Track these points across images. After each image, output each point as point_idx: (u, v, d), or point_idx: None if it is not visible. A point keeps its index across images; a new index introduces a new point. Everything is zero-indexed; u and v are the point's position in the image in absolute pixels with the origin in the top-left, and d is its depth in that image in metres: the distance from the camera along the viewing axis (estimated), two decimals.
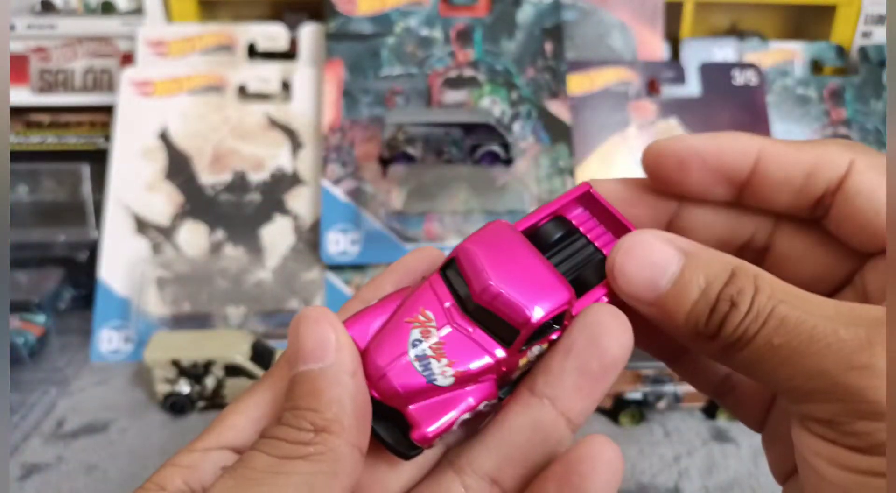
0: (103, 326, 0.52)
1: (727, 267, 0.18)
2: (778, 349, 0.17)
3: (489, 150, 0.53)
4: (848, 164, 0.19)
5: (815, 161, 0.20)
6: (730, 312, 0.17)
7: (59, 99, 0.63)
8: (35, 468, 0.40)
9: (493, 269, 0.18)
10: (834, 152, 0.20)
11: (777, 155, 0.20)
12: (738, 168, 0.20)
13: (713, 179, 0.21)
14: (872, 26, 0.65)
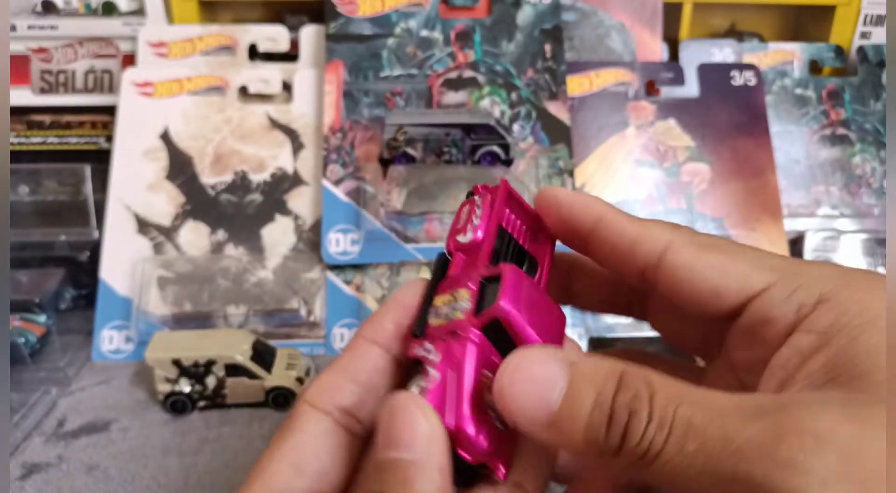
0: (104, 326, 0.52)
1: (615, 372, 0.17)
2: (693, 457, 0.16)
3: (489, 150, 0.53)
4: (666, 242, 0.21)
5: (638, 236, 0.22)
6: (630, 421, 0.16)
7: (60, 100, 0.63)
8: (35, 468, 0.40)
9: (539, 333, 0.20)
10: (655, 231, 0.22)
11: (610, 223, 0.22)
12: (581, 228, 0.23)
13: (565, 230, 0.23)
14: (871, 27, 0.66)
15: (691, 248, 0.21)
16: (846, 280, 0.20)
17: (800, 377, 0.18)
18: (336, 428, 0.21)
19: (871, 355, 0.17)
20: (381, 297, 0.52)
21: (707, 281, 0.20)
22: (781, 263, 0.21)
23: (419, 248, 0.52)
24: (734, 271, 0.20)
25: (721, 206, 0.56)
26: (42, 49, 0.62)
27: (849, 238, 0.57)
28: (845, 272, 0.20)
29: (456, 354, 0.19)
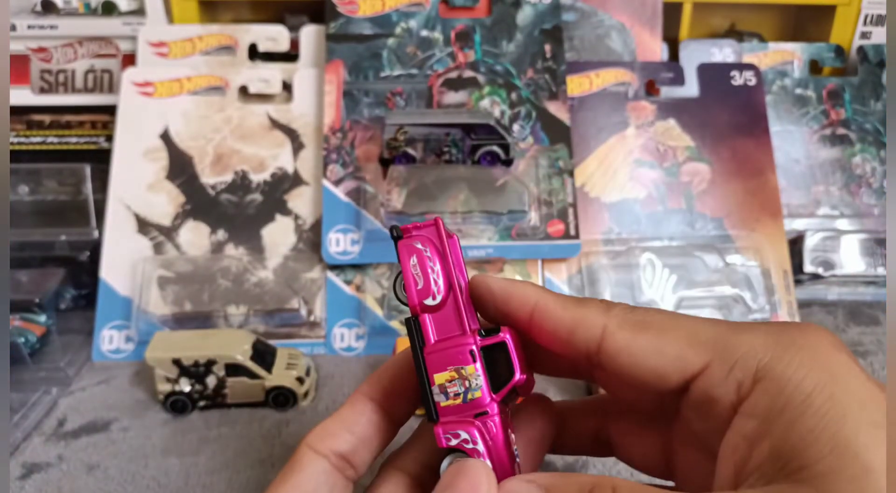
0: (105, 325, 0.52)
1: (584, 487, 0.20)
2: None
3: (489, 150, 0.53)
4: (601, 327, 0.22)
5: (574, 324, 0.23)
6: None
7: (59, 99, 0.63)
8: (36, 468, 0.40)
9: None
10: (590, 316, 0.23)
11: (544, 313, 0.23)
12: (519, 319, 0.24)
13: (503, 320, 0.24)
14: (872, 27, 0.66)
15: (626, 331, 0.22)
16: (780, 348, 0.20)
17: (751, 468, 0.19)
18: (332, 470, 0.24)
19: (810, 442, 0.18)
20: (380, 297, 0.52)
21: (646, 364, 0.22)
22: (715, 335, 0.21)
23: None
24: (670, 352, 0.21)
25: (721, 206, 0.56)
26: (42, 49, 0.62)
27: (848, 238, 0.57)
28: (779, 338, 0.21)
29: (492, 433, 0.23)
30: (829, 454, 0.18)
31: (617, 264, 0.54)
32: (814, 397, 0.19)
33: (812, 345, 0.20)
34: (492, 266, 0.53)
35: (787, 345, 0.21)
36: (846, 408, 0.19)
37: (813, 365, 0.20)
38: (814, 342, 0.21)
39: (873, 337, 0.54)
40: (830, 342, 0.21)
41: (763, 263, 0.55)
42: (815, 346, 0.20)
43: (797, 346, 0.20)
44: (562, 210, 0.54)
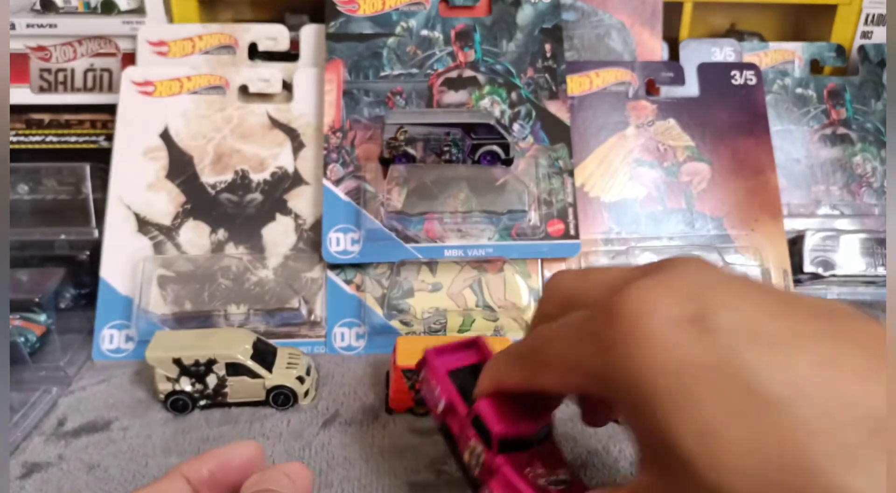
0: (105, 325, 0.52)
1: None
2: None
3: (489, 150, 0.53)
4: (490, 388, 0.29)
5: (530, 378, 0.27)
6: None
7: (59, 98, 0.63)
8: (36, 467, 0.40)
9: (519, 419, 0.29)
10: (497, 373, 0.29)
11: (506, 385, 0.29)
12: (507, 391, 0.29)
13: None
14: (873, 26, 0.66)
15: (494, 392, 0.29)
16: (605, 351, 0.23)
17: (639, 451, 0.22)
18: None
19: (647, 435, 0.21)
20: (381, 296, 0.52)
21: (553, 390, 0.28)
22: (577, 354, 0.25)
23: (419, 247, 0.52)
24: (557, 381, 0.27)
25: (720, 205, 0.56)
26: (41, 47, 0.62)
27: (848, 238, 0.57)
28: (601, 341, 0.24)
29: (508, 481, 0.27)
30: (660, 449, 0.21)
31: (616, 264, 0.54)
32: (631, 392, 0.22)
33: (621, 339, 0.23)
34: (492, 266, 0.54)
35: (605, 350, 0.23)
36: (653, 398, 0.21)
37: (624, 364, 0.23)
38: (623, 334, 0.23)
39: None
40: (638, 315, 0.23)
41: (763, 262, 0.55)
42: (623, 338, 0.23)
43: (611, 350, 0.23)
44: (562, 210, 0.54)
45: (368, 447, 0.42)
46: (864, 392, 0.17)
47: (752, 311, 0.20)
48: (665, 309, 0.20)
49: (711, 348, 0.19)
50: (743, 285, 0.22)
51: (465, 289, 0.53)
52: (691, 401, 0.19)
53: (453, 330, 0.52)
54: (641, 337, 0.20)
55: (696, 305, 0.20)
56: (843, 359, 0.18)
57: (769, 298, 0.21)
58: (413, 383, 0.43)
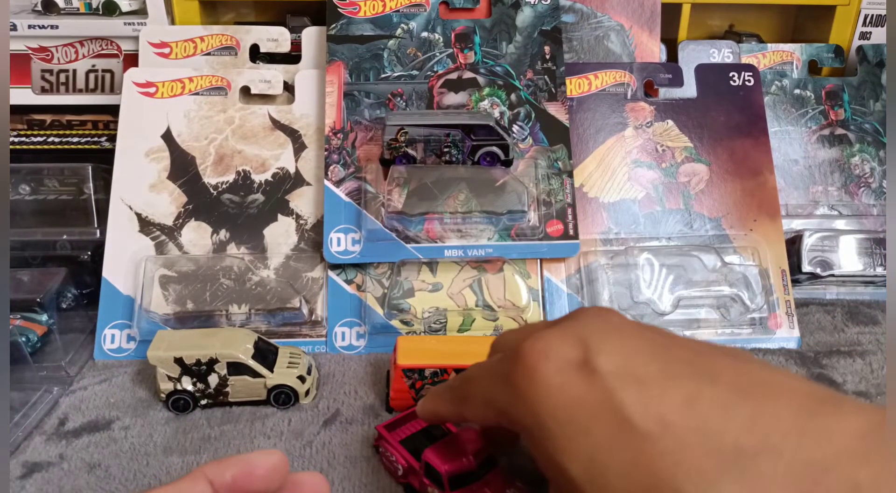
0: (107, 325, 0.52)
1: None
2: None
3: (489, 151, 0.53)
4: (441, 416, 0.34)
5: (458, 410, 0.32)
6: None
7: (61, 99, 0.63)
8: (37, 467, 0.41)
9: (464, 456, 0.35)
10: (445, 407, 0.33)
11: (444, 416, 0.33)
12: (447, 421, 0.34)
13: None
14: (871, 27, 0.66)
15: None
16: (513, 392, 0.26)
17: None
18: None
19: (546, 467, 0.24)
20: (381, 296, 0.53)
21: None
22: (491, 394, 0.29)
23: (419, 247, 0.52)
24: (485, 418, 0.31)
25: (719, 206, 0.57)
26: (42, 48, 0.62)
27: (847, 238, 0.58)
28: (509, 381, 0.27)
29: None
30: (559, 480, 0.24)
31: (615, 264, 0.54)
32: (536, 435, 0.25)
33: (525, 383, 0.26)
34: (491, 266, 0.54)
35: (513, 390, 0.27)
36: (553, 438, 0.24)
37: (525, 407, 0.26)
38: (527, 379, 0.26)
39: (872, 337, 0.54)
40: (534, 364, 0.26)
41: (761, 262, 0.55)
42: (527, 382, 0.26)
43: (517, 390, 0.26)
44: (561, 210, 0.54)
45: (369, 446, 0.42)
46: (727, 422, 0.21)
47: (632, 355, 0.24)
48: (558, 355, 0.24)
49: (595, 388, 0.23)
50: (631, 332, 0.26)
51: (465, 289, 0.53)
52: (579, 434, 0.23)
53: (453, 330, 0.52)
54: (538, 379, 0.24)
55: (583, 351, 0.24)
56: (707, 395, 0.22)
57: (652, 344, 0.25)
58: (413, 383, 0.43)
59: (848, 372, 0.49)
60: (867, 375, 0.49)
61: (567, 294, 0.54)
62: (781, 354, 0.52)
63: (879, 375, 0.49)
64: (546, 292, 0.54)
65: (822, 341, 0.54)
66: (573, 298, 0.54)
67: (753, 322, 0.53)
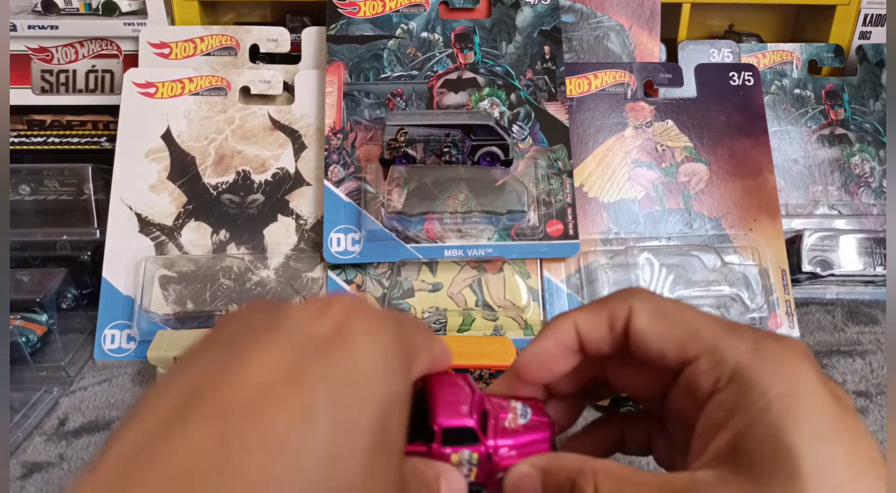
0: (107, 325, 0.52)
1: (573, 472, 0.25)
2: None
3: (489, 151, 0.53)
4: (627, 310, 0.27)
5: (608, 317, 0.28)
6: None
7: (61, 100, 0.63)
8: (36, 467, 0.41)
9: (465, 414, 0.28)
10: (617, 304, 0.28)
11: (585, 324, 0.28)
12: (572, 348, 0.29)
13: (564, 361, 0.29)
14: (871, 26, 0.66)
15: (645, 316, 0.27)
16: (758, 356, 0.25)
17: (712, 449, 0.24)
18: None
19: (760, 443, 0.23)
20: (381, 296, 0.53)
21: (656, 347, 0.27)
22: (712, 333, 0.26)
23: (419, 247, 0.52)
24: (674, 339, 0.26)
25: (719, 206, 0.57)
26: (42, 49, 0.62)
27: (847, 238, 0.58)
28: (758, 346, 0.25)
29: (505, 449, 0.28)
30: (772, 457, 0.22)
31: (615, 264, 0.54)
32: (772, 406, 0.23)
33: (785, 358, 0.24)
34: (491, 266, 0.54)
35: (763, 355, 0.24)
36: (796, 420, 0.23)
37: (778, 377, 0.24)
38: (787, 356, 0.24)
39: (872, 336, 0.54)
40: (801, 358, 0.25)
41: (761, 262, 0.55)
42: (786, 359, 0.24)
43: (771, 358, 0.24)
44: (561, 210, 0.54)
45: None
46: None
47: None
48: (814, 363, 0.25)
49: (848, 413, 0.24)
50: None
51: (465, 289, 0.53)
52: (822, 438, 0.23)
53: (453, 330, 0.52)
54: (805, 370, 0.25)
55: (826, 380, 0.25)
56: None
57: None
58: None
59: (848, 372, 0.49)
60: (867, 374, 0.49)
61: (567, 294, 0.54)
62: None
63: (879, 374, 0.49)
64: (546, 291, 0.54)
65: (822, 340, 0.54)
66: (573, 298, 0.54)
67: (753, 322, 0.53)
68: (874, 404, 0.46)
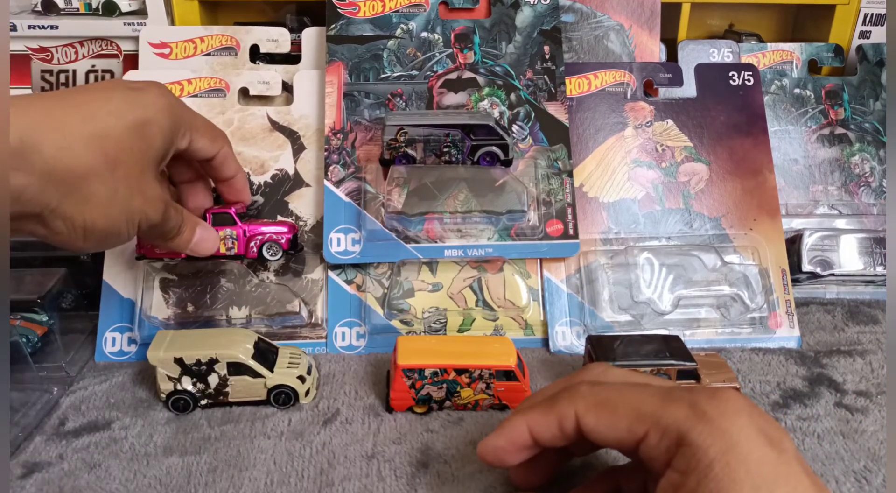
0: (108, 328, 0.52)
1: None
2: None
3: (489, 151, 0.53)
4: (573, 413, 0.31)
5: (557, 420, 0.32)
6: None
7: None
8: (37, 467, 0.41)
9: None
10: (563, 407, 0.31)
11: (537, 425, 0.32)
12: (524, 445, 0.33)
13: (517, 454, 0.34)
14: (871, 26, 0.66)
15: (591, 414, 0.31)
16: (695, 418, 0.28)
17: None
18: None
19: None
20: (381, 296, 0.53)
21: (609, 436, 0.30)
22: (652, 408, 0.29)
23: (419, 247, 0.52)
24: (622, 426, 0.30)
25: (718, 205, 0.57)
26: (42, 49, 0.62)
27: (847, 237, 0.58)
28: (695, 409, 0.28)
29: None
30: (888, 364, 0.26)
31: (615, 264, 0.54)
32: (715, 464, 0.27)
33: (720, 414, 0.28)
34: (491, 265, 0.54)
35: (700, 416, 0.28)
36: (736, 475, 0.26)
37: (717, 436, 0.27)
38: (721, 411, 0.28)
39: (872, 336, 0.54)
40: (735, 410, 0.28)
41: (761, 262, 0.55)
42: (722, 415, 0.28)
43: (708, 417, 0.28)
44: (561, 210, 0.54)
45: (369, 445, 0.42)
46: None
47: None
48: (756, 412, 0.29)
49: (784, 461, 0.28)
50: None
51: (465, 289, 0.53)
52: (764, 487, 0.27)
53: (453, 330, 0.52)
54: (740, 423, 0.28)
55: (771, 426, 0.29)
56: None
57: None
58: (413, 383, 0.43)
59: (848, 372, 0.49)
60: (867, 374, 0.49)
61: (567, 294, 0.54)
62: (781, 353, 0.52)
63: (879, 374, 0.49)
64: (546, 291, 0.54)
65: (823, 340, 0.54)
66: (573, 298, 0.54)
67: (753, 322, 0.53)
68: (874, 404, 0.46)
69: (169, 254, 0.49)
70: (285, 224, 0.52)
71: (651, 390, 0.31)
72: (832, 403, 0.46)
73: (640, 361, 0.42)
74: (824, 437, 0.43)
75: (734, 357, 0.51)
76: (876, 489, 0.38)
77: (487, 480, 0.39)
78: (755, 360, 0.51)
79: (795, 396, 0.47)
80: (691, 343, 0.52)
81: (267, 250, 0.51)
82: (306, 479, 0.39)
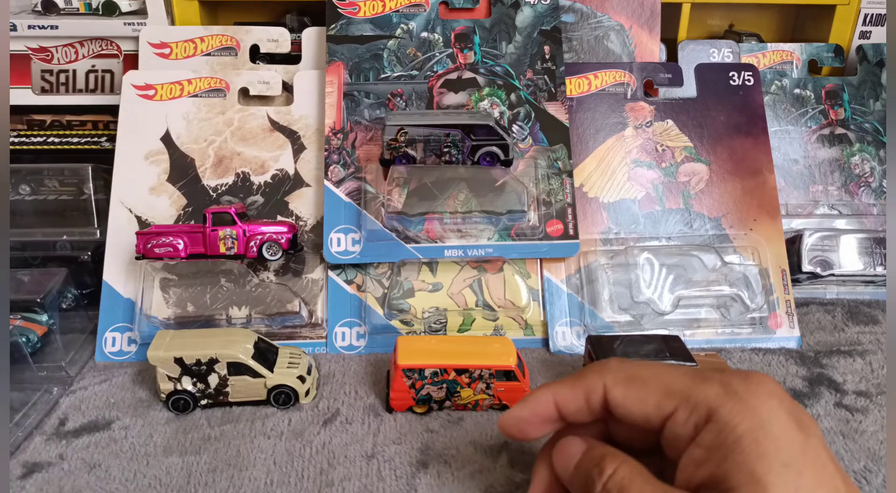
0: (108, 328, 0.52)
1: (606, 452, 0.30)
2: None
3: (489, 151, 0.53)
4: (602, 386, 0.31)
5: (584, 393, 0.31)
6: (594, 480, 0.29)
7: (61, 100, 0.63)
8: (37, 467, 0.41)
9: None
10: (591, 380, 0.31)
11: (563, 397, 0.32)
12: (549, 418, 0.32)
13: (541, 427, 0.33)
14: (871, 26, 0.66)
15: (619, 387, 0.30)
16: (727, 397, 0.28)
17: (695, 483, 0.27)
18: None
19: (735, 473, 0.26)
20: (381, 296, 0.53)
21: (637, 411, 0.30)
22: (682, 387, 0.29)
23: (419, 247, 0.52)
24: (651, 401, 0.30)
25: (718, 205, 0.57)
26: (42, 48, 0.62)
27: (847, 238, 0.58)
28: (727, 389, 0.28)
29: None
30: (746, 485, 0.25)
31: (615, 264, 0.54)
32: (743, 440, 0.27)
33: (752, 394, 0.28)
34: (491, 265, 0.54)
35: (731, 394, 0.28)
36: (765, 452, 0.26)
37: (747, 413, 0.27)
38: (754, 392, 0.28)
39: (872, 336, 0.54)
40: (767, 392, 0.28)
41: (761, 262, 0.55)
42: (754, 395, 0.28)
43: (739, 396, 0.28)
44: (561, 210, 0.54)
45: (369, 445, 0.42)
46: None
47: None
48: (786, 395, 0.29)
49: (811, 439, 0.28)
50: None
51: (465, 289, 0.53)
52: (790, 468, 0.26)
53: (453, 330, 0.52)
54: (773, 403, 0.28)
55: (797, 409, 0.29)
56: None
57: None
58: (413, 383, 0.43)
59: (848, 371, 0.49)
60: (867, 374, 0.49)
61: (567, 294, 0.54)
62: (781, 353, 0.52)
63: (879, 374, 0.49)
64: (546, 291, 0.54)
65: (823, 340, 0.54)
66: (573, 297, 0.54)
67: (753, 322, 0.53)
68: (874, 404, 0.46)
69: (169, 254, 0.49)
70: (285, 224, 0.52)
71: (682, 369, 0.30)
72: (832, 403, 0.46)
73: (639, 361, 0.42)
74: (824, 437, 0.42)
75: (734, 357, 0.51)
76: (876, 489, 0.38)
77: (487, 480, 0.39)
78: (755, 360, 0.51)
79: (795, 396, 0.47)
80: (691, 343, 0.52)
81: (267, 250, 0.50)
82: (306, 479, 0.39)
